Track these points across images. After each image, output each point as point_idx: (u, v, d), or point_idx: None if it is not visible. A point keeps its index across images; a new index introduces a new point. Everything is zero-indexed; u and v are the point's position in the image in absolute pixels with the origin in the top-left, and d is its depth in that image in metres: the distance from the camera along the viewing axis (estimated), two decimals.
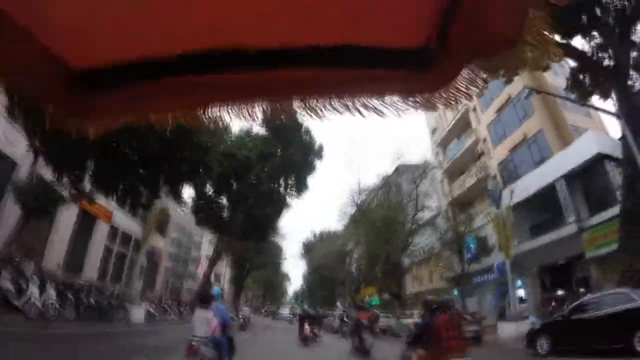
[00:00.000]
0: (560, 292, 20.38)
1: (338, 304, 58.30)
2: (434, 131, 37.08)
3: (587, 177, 18.75)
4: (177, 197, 19.24)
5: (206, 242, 59.45)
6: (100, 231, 25.14)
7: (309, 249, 55.93)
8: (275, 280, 71.93)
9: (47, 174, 14.51)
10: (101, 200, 23.77)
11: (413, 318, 19.96)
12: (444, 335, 4.71)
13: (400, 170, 33.16)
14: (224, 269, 59.31)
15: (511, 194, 19.30)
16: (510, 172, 24.59)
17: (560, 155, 20.34)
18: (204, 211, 32.11)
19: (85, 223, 23.50)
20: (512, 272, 18.98)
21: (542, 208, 20.61)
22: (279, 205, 32.80)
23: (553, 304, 18.58)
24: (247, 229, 31.45)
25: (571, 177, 19.40)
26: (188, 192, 34.49)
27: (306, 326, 15.24)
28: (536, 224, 20.72)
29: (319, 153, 31.97)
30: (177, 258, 66.93)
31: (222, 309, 6.19)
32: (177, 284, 62.70)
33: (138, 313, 18.54)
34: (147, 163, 13.16)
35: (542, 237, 20.25)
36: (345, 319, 21.84)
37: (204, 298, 5.99)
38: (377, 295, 41.79)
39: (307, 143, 30.90)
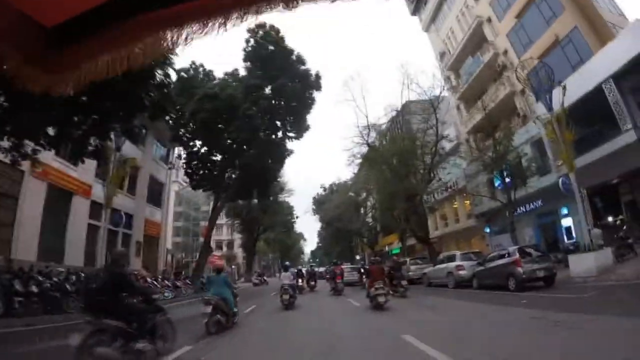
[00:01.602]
0: (613, 219, 17.72)
1: (357, 257, 56.74)
2: (442, 55, 33.31)
3: None
4: (133, 137, 17.22)
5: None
6: (79, 208, 22.59)
7: (320, 203, 53.56)
8: (289, 241, 70.18)
9: None
10: (74, 172, 21.73)
11: (454, 261, 18.52)
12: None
13: (409, 107, 29.67)
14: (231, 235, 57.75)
15: (563, 91, 15.68)
16: (543, 81, 21.25)
17: (603, 53, 16.97)
18: (197, 172, 29.43)
19: (58, 200, 20.98)
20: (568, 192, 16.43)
21: (588, 118, 17.39)
22: (278, 151, 29.81)
23: (623, 229, 15.72)
24: (246, 184, 28.83)
25: (621, 77, 16.08)
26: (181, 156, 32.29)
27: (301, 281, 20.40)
28: (582, 137, 17.51)
29: (316, 83, 28.21)
30: (187, 231, 65.72)
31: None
32: (187, 258, 61.70)
33: None
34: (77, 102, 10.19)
35: (591, 153, 17.17)
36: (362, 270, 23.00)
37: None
38: (398, 243, 39.56)
39: (301, 72, 27.32)
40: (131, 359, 4.94)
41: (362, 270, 22.67)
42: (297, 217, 63.60)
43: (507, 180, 20.25)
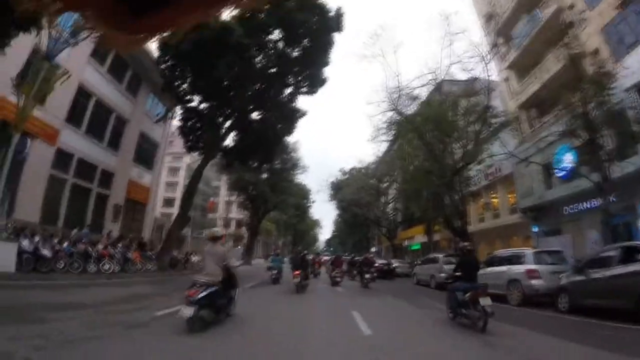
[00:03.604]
0: None
1: (373, 248, 52.85)
2: (489, 18, 28.19)
3: None
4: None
5: (225, 187, 54.06)
6: (39, 157, 19.07)
7: (339, 188, 49.62)
8: (302, 226, 66.40)
9: None
10: (40, 109, 18.04)
11: (522, 263, 13.12)
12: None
13: (444, 88, 24.78)
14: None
15: None
16: (621, 38, 16.69)
17: None
18: (194, 131, 25.77)
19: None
20: None
21: None
22: (285, 108, 25.77)
23: None
24: (246, 144, 25.47)
25: None
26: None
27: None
28: None
29: (336, 21, 22.63)
30: (196, 207, 63.30)
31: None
32: (195, 234, 58.99)
33: None
34: None
35: None
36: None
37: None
38: (424, 236, 35.37)
39: (318, 4, 22.02)
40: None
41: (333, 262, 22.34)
42: (313, 202, 60.09)
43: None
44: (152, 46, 22.47)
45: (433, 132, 21.46)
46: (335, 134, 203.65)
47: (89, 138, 22.75)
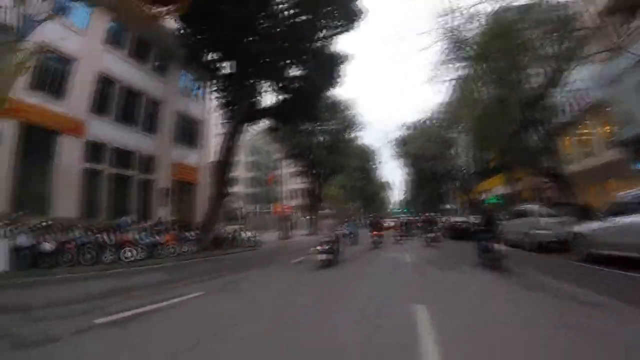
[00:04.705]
0: None
1: (448, 206, 49.64)
2: None
3: None
4: None
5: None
6: (68, 152, 18.95)
7: (403, 144, 46.73)
8: (370, 189, 63.95)
9: None
10: (61, 105, 18.56)
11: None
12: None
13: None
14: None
15: None
16: None
17: None
18: (229, 101, 24.31)
19: (36, 142, 17.43)
20: None
21: None
22: (321, 55, 23.20)
23: None
24: (287, 104, 23.80)
25: None
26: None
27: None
28: None
29: None
30: (255, 181, 63.45)
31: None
32: (262, 208, 59.34)
33: None
34: None
35: None
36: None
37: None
38: (504, 187, 32.08)
39: None
40: None
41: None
42: (378, 162, 57.63)
43: None
44: (170, 20, 21.19)
45: (502, 53, 17.92)
46: (391, 81, 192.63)
47: (120, 125, 22.25)
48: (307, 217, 45.75)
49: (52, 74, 18.51)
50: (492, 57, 18.19)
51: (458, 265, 11.74)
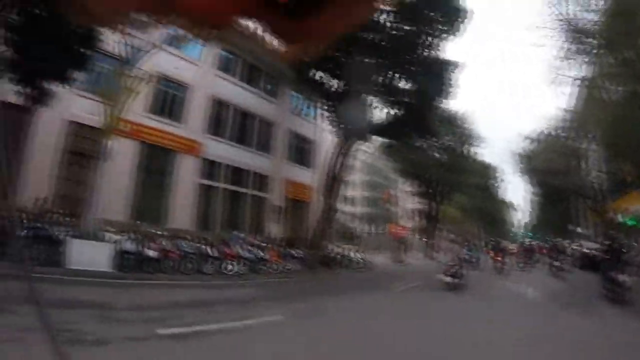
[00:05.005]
0: None
1: (579, 228, 43.63)
2: None
3: None
4: None
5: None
6: (185, 169, 20.85)
7: (527, 158, 42.42)
8: (490, 209, 59.01)
9: None
10: (179, 128, 20.72)
11: None
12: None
13: None
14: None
15: None
16: None
17: None
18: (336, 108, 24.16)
19: (156, 160, 19.82)
20: None
21: None
22: (428, 61, 21.87)
23: None
24: (397, 117, 23.18)
25: None
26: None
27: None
28: None
29: None
30: (370, 201, 62.60)
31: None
32: (377, 229, 58.36)
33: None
34: None
35: None
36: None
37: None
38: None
39: None
40: None
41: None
42: (500, 180, 53.24)
43: None
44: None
45: (629, 37, 14.99)
46: (504, 87, 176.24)
47: (234, 145, 23.70)
48: (423, 239, 43.63)
49: (169, 100, 20.80)
50: (617, 43, 15.39)
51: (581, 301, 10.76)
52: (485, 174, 49.88)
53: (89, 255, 10.56)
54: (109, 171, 17.34)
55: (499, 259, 20.67)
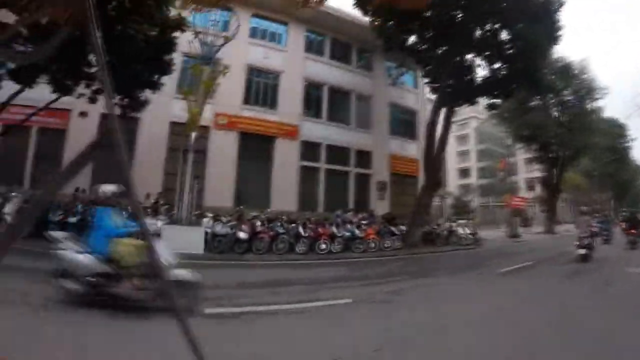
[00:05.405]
0: None
1: None
2: None
3: None
4: None
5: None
6: (284, 153, 21.56)
7: None
8: (623, 175, 51.20)
9: None
10: (275, 114, 21.51)
11: None
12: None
13: None
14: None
15: None
16: None
17: None
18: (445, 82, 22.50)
19: (255, 147, 20.87)
20: None
21: None
22: (531, 3, 18.85)
23: None
24: (502, 71, 21.26)
25: None
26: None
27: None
28: None
29: None
30: (486, 172, 58.58)
31: None
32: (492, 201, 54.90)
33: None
34: None
35: None
36: None
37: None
38: None
39: None
40: None
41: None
42: (632, 139, 45.61)
43: None
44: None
45: None
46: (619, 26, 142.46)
47: (332, 124, 23.74)
48: (544, 211, 39.45)
49: (263, 88, 21.60)
50: None
51: None
52: (612, 132, 43.16)
53: (182, 240, 11.19)
54: (214, 161, 19.03)
55: (634, 232, 17.97)
